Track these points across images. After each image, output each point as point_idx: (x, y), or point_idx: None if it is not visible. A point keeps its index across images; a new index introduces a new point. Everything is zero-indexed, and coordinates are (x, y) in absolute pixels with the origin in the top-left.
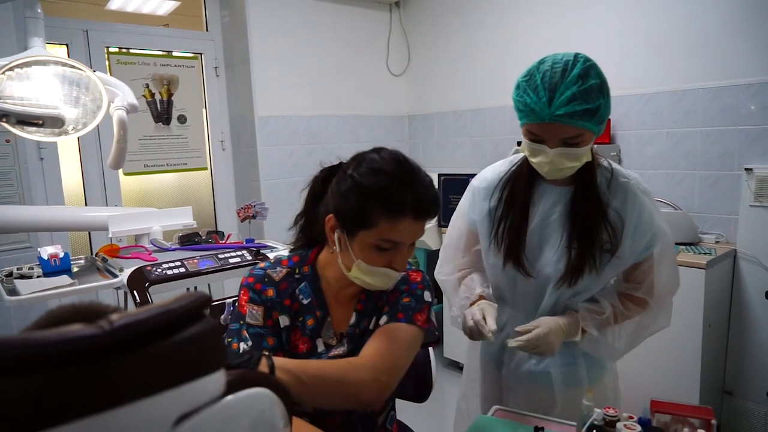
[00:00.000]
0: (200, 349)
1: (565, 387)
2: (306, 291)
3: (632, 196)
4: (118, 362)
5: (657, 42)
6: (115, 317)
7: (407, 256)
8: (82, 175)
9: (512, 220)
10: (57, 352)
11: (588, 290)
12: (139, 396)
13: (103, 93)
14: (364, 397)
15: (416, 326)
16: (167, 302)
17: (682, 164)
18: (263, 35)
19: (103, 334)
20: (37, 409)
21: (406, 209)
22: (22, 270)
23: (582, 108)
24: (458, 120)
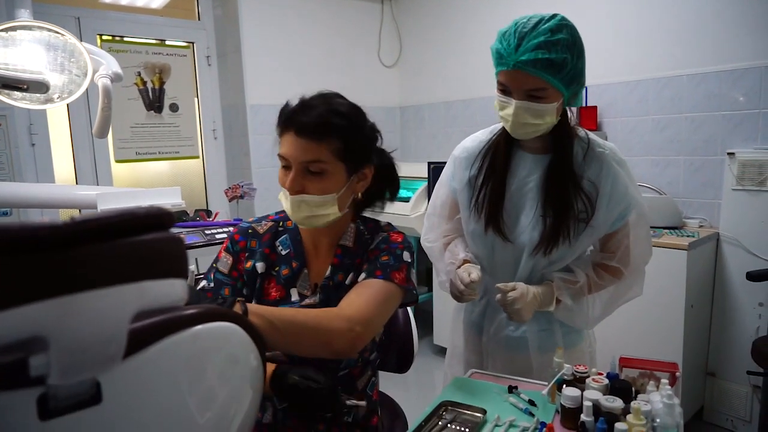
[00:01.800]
0: (157, 253)
1: (540, 352)
2: (285, 243)
3: (607, 166)
4: (79, 251)
5: (642, 30)
6: (78, 215)
7: (300, 180)
8: (74, 163)
9: (491, 187)
10: (24, 238)
11: (563, 259)
12: (98, 284)
13: (87, 61)
14: (338, 345)
15: (394, 283)
16: (130, 208)
17: (667, 150)
18: (255, 25)
19: (63, 225)
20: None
21: (289, 124)
22: None
23: (545, 57)
24: (449, 110)
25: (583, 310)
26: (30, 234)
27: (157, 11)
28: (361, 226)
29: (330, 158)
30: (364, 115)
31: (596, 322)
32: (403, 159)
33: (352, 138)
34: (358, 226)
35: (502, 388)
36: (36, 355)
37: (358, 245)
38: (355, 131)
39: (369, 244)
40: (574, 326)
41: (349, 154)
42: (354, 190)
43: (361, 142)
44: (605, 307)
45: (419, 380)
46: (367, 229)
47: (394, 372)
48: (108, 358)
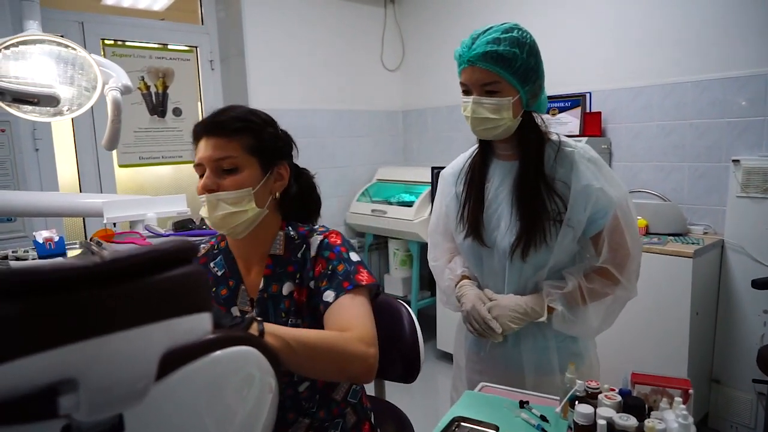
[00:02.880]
0: (185, 288)
1: (536, 373)
2: (220, 263)
3: (576, 164)
4: (108, 292)
5: (646, 36)
6: (105, 254)
7: (215, 179)
8: (78, 167)
9: (472, 199)
10: (50, 280)
11: (546, 263)
12: (126, 325)
13: (97, 73)
14: (354, 370)
15: (363, 286)
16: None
17: (671, 156)
18: (258, 29)
19: (93, 265)
20: (30, 332)
21: (201, 130)
22: (17, 253)
23: (493, 50)
24: (452, 115)
25: (581, 318)
26: (61, 275)
27: (160, 14)
28: (291, 231)
29: (242, 153)
30: (275, 122)
31: (598, 332)
32: (405, 163)
33: (263, 134)
34: (288, 233)
35: (513, 403)
36: (65, 395)
37: (290, 252)
38: (267, 128)
39: (301, 249)
40: (576, 335)
41: (262, 150)
42: (271, 189)
43: (273, 138)
44: (606, 316)
45: (424, 386)
46: (298, 234)
47: (400, 382)
48: (136, 395)
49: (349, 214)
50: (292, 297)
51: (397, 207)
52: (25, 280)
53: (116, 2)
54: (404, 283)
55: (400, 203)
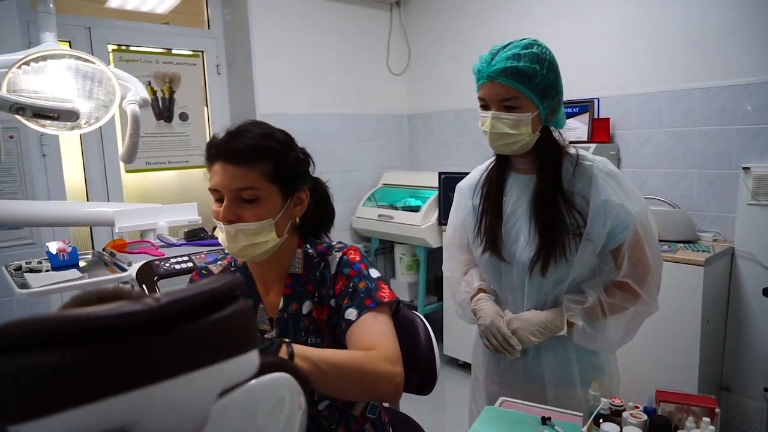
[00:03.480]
0: (237, 328)
1: (556, 385)
2: None
3: (595, 178)
4: (164, 337)
5: (655, 42)
6: (158, 295)
7: (234, 209)
8: (84, 172)
9: (489, 212)
10: (108, 326)
11: (566, 278)
12: (183, 370)
13: (116, 87)
14: (382, 389)
15: (385, 303)
16: (206, 282)
17: (680, 163)
18: (265, 33)
19: (150, 310)
20: (84, 382)
21: (217, 153)
22: (31, 264)
23: (514, 65)
24: (458, 119)
25: (601, 332)
26: (117, 322)
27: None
28: (310, 249)
29: (263, 183)
30: (293, 139)
31: (619, 345)
32: (411, 168)
33: (283, 160)
34: (306, 251)
35: (535, 419)
36: None
37: (308, 270)
38: (286, 153)
39: (320, 267)
40: (597, 350)
41: (282, 177)
42: (291, 215)
43: (293, 164)
44: (627, 330)
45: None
46: (316, 251)
47: (416, 394)
48: None
49: (355, 219)
50: (312, 316)
51: (404, 212)
52: (79, 328)
53: (120, 5)
54: (410, 288)
55: (405, 208)
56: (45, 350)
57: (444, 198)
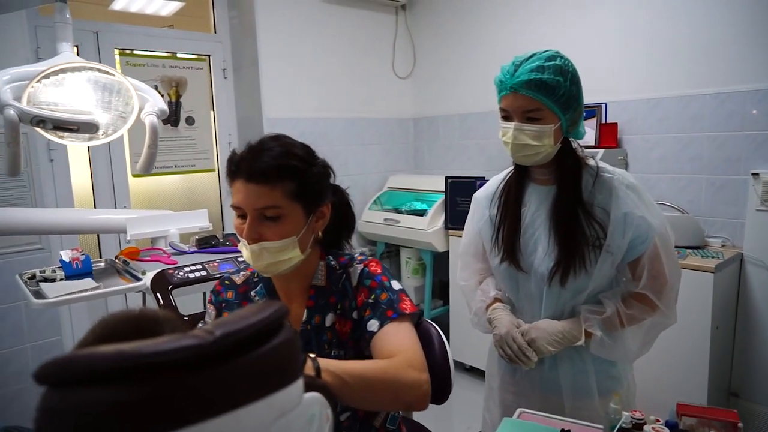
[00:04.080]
0: (285, 359)
1: (574, 395)
2: (261, 292)
3: (615, 191)
4: (218, 371)
5: (663, 48)
6: (210, 327)
7: (257, 228)
8: (91, 177)
9: (508, 223)
10: (168, 362)
11: (585, 289)
12: (237, 405)
13: (134, 98)
14: (409, 397)
15: (407, 314)
16: (253, 311)
17: (688, 168)
18: (271, 37)
19: (207, 344)
20: (148, 417)
21: (238, 171)
22: (45, 273)
23: (538, 77)
24: (464, 123)
25: (619, 343)
26: (177, 356)
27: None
28: (332, 261)
29: (285, 201)
30: (314, 153)
31: (636, 357)
32: (416, 171)
33: (305, 177)
34: (329, 263)
35: (554, 431)
36: None
37: (331, 282)
38: (308, 169)
39: (341, 279)
40: (615, 360)
41: (305, 194)
42: (314, 229)
43: (315, 180)
44: (645, 341)
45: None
46: (339, 263)
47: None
48: None
49: (361, 223)
50: (334, 328)
51: (410, 216)
52: (140, 365)
53: (124, 8)
54: (416, 292)
55: (411, 212)
56: (104, 386)
57: (451, 202)
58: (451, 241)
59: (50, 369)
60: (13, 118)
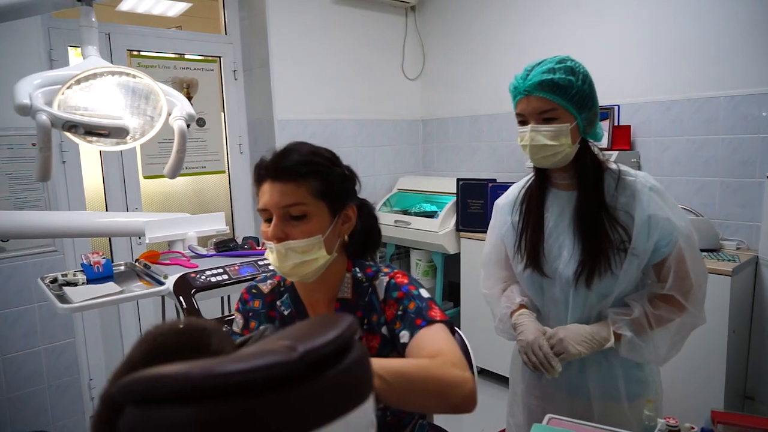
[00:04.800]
0: (360, 377)
1: (602, 400)
2: (287, 302)
3: (639, 193)
4: (306, 389)
5: (676, 50)
6: (287, 342)
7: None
8: (103, 179)
9: (530, 229)
10: (253, 381)
11: (611, 292)
12: (324, 423)
13: (163, 103)
14: (455, 398)
15: (438, 322)
16: (323, 325)
17: (702, 171)
18: (283, 38)
19: (293, 361)
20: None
21: (265, 173)
22: (67, 277)
23: (549, 78)
24: (474, 125)
25: (649, 343)
26: (263, 375)
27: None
28: (359, 273)
29: (310, 199)
30: (338, 157)
31: (666, 358)
32: (425, 173)
33: (330, 176)
34: (355, 275)
35: None
36: None
37: (357, 295)
38: (332, 169)
39: (368, 293)
40: (645, 362)
41: (330, 193)
42: (339, 232)
43: (339, 180)
44: (674, 342)
45: None
46: (365, 275)
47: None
48: None
49: None
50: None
51: (420, 218)
52: (225, 384)
53: (131, 8)
54: None
55: (420, 213)
56: (190, 404)
57: (462, 204)
58: (462, 243)
59: (135, 387)
60: (46, 123)
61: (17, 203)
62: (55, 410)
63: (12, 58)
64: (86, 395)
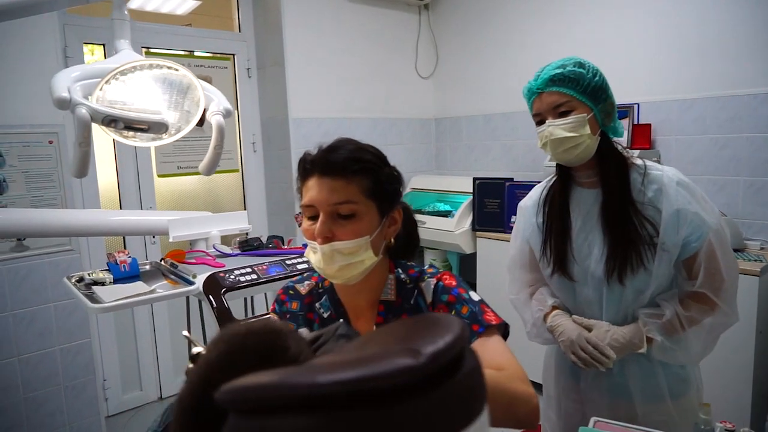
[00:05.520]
0: (479, 383)
1: (645, 400)
2: (326, 304)
3: (666, 188)
4: (436, 397)
5: (697, 48)
6: (409, 345)
7: (330, 226)
8: (117, 178)
9: (554, 232)
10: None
11: (647, 288)
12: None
13: (201, 97)
14: (521, 412)
15: (494, 326)
16: (430, 325)
17: (724, 170)
18: (297, 36)
19: (420, 367)
20: None
21: (313, 167)
22: (94, 275)
23: (558, 72)
24: (488, 123)
25: (682, 346)
26: (392, 381)
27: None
28: (402, 274)
29: (361, 198)
30: (385, 156)
31: (701, 357)
32: (438, 172)
33: (380, 175)
34: (398, 276)
35: None
36: None
37: (401, 297)
38: (382, 168)
39: (413, 294)
40: (679, 363)
41: (379, 193)
42: (386, 235)
43: (389, 179)
44: (707, 340)
45: None
46: (409, 276)
47: None
48: None
49: None
50: None
51: (437, 217)
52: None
53: (140, 6)
54: None
55: (434, 212)
56: (304, 414)
57: (478, 203)
58: (478, 243)
59: (252, 394)
60: (86, 118)
61: (34, 201)
62: (71, 411)
63: (28, 55)
64: (101, 396)
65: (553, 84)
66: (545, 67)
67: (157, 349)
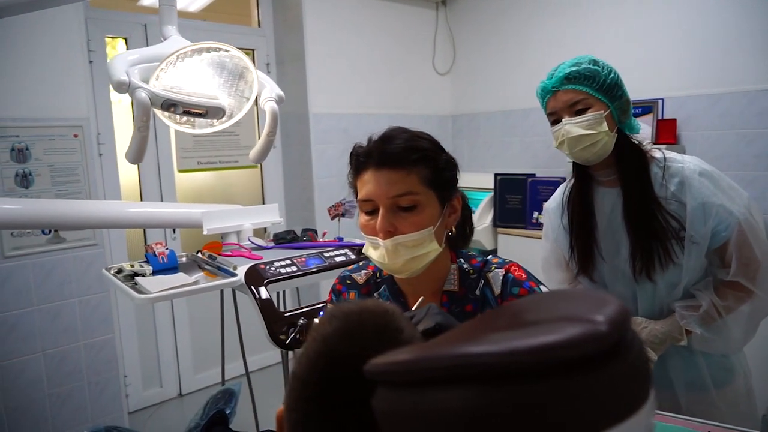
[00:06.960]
0: (647, 362)
1: (687, 389)
2: (385, 295)
3: (688, 180)
4: (614, 370)
5: (723, 42)
6: (582, 314)
7: (391, 220)
8: (138, 172)
9: (579, 231)
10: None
11: (679, 282)
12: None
13: (255, 83)
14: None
15: None
16: (587, 300)
17: (751, 166)
18: (317, 32)
19: (604, 335)
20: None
21: (367, 159)
22: (134, 267)
23: (573, 70)
24: (507, 120)
25: (722, 335)
26: (580, 351)
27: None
28: (464, 264)
29: (421, 188)
30: (440, 143)
31: (742, 344)
32: None
33: (438, 163)
34: (461, 266)
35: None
36: None
37: (465, 288)
38: (439, 155)
39: (479, 285)
40: (719, 352)
41: (439, 182)
42: (447, 224)
43: (446, 167)
44: (747, 327)
45: None
46: (472, 267)
47: None
48: None
49: None
50: None
51: None
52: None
53: (152, 2)
54: None
55: None
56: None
57: (500, 199)
58: (499, 239)
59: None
60: (146, 102)
61: (59, 195)
62: (95, 407)
63: (52, 49)
64: (122, 391)
65: (569, 82)
66: (559, 66)
67: (177, 346)
